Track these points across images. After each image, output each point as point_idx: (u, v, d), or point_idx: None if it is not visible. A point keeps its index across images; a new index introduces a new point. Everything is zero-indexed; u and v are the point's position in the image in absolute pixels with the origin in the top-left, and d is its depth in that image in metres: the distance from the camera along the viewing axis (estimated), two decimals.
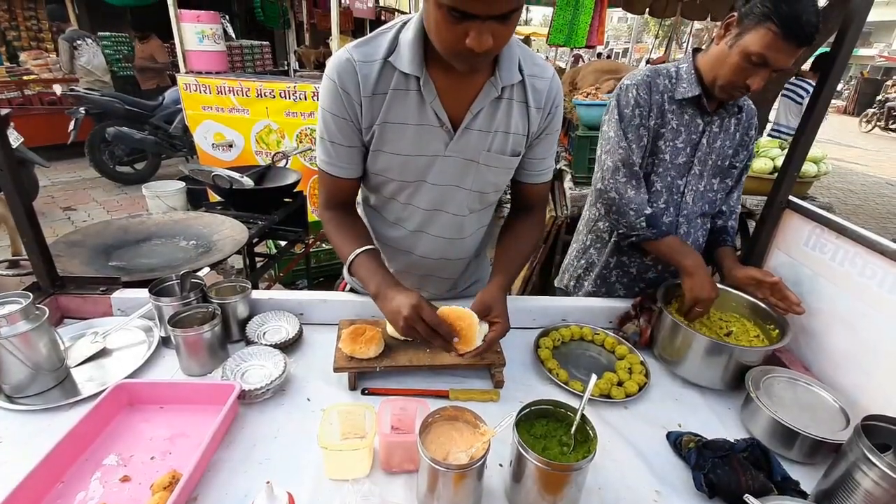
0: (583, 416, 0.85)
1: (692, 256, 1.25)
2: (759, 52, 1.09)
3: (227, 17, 9.97)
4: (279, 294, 1.33)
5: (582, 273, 1.58)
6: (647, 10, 7.80)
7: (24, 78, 6.37)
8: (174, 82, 6.14)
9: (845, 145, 12.00)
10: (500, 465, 0.91)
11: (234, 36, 9.68)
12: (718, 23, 1.21)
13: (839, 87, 25.94)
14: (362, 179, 1.13)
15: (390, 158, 1.03)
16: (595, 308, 1.38)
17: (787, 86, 5.21)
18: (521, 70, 0.99)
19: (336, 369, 1.06)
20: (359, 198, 1.22)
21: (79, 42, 5.97)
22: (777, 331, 1.18)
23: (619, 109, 1.30)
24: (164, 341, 1.19)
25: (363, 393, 1.08)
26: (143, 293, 1.19)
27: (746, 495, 0.80)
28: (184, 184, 4.16)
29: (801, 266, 1.23)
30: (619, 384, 1.13)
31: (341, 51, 0.97)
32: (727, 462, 0.88)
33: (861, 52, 27.11)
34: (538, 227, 1.24)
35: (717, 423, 1.07)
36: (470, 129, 1.00)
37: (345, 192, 1.11)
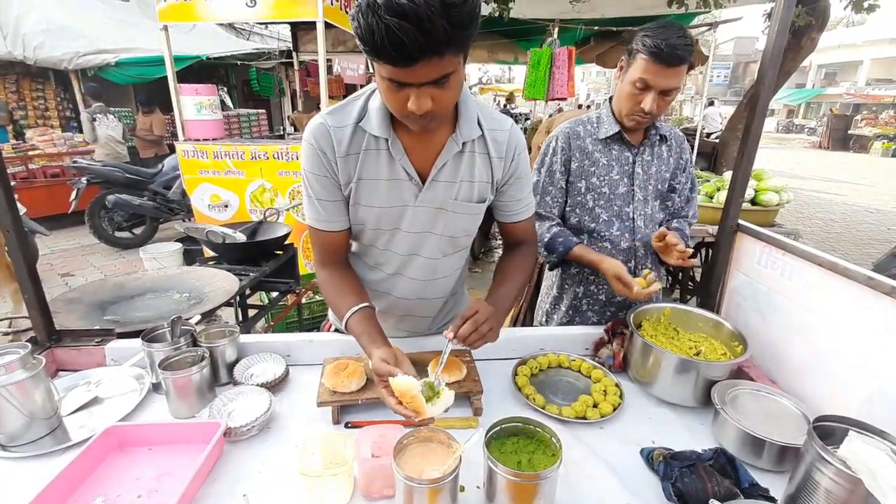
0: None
1: (591, 256, 1.45)
2: (639, 78, 1.32)
3: (226, 88, 10.61)
4: (266, 337, 1.39)
5: (550, 308, 1.67)
6: (619, 64, 8.37)
7: (30, 153, 6.66)
8: (173, 151, 6.45)
9: (824, 179, 12.40)
10: (478, 487, 0.94)
11: (231, 106, 10.24)
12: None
13: (812, 124, 27.04)
14: None
15: (367, 211, 1.13)
16: (570, 336, 1.44)
17: None
18: (480, 125, 1.10)
19: (319, 403, 1.11)
20: None
21: (98, 116, 6.42)
22: (741, 347, 1.23)
23: (542, 157, 1.53)
24: (155, 387, 1.23)
25: (346, 426, 1.12)
26: (136, 343, 1.24)
27: (712, 500, 0.84)
28: (180, 245, 4.28)
29: (757, 283, 1.31)
30: (595, 406, 1.17)
31: (317, 116, 1.09)
32: (693, 471, 0.91)
33: (829, 90, 28.66)
34: (528, 256, 1.29)
35: (690, 437, 1.10)
36: (437, 181, 1.11)
37: (337, 245, 1.19)
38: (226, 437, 1.04)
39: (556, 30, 4.47)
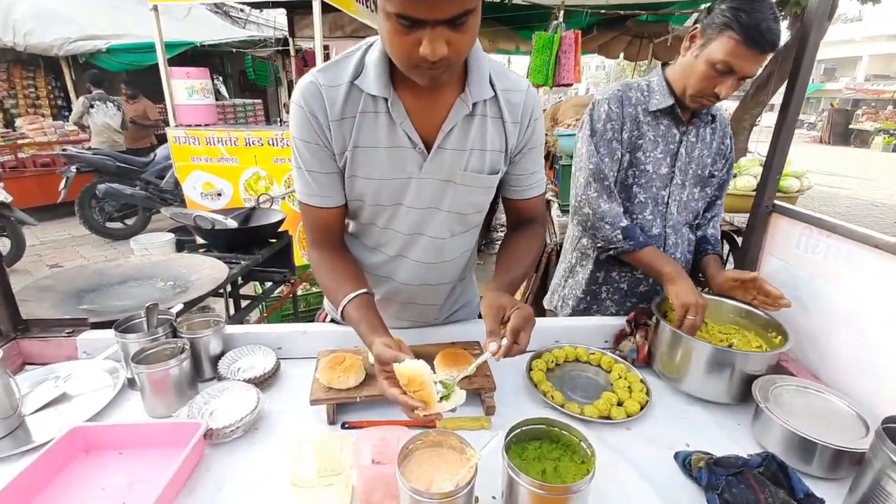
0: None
1: (672, 263, 1.23)
2: (723, 60, 1.12)
3: (221, 78, 10.41)
4: (255, 328, 1.27)
5: (568, 292, 1.54)
6: (622, 54, 8.23)
7: (20, 142, 6.49)
8: (160, 141, 6.26)
9: (827, 173, 12.30)
10: (494, 498, 0.82)
11: (227, 96, 10.04)
12: None
13: (812, 119, 26.93)
14: None
15: (365, 183, 1.00)
16: (588, 327, 1.32)
17: None
18: (493, 85, 0.97)
19: (313, 401, 0.99)
20: None
21: (97, 103, 6.19)
22: (780, 338, 1.12)
23: (592, 124, 1.33)
24: (131, 383, 1.11)
25: (343, 427, 1.00)
26: (111, 334, 1.12)
27: None
28: (172, 235, 4.12)
29: (797, 269, 1.19)
30: (619, 404, 1.06)
31: (307, 75, 0.95)
32: (742, 480, 0.80)
33: (828, 86, 28.53)
34: (538, 238, 1.14)
35: (728, 439, 0.99)
36: (443, 149, 0.97)
37: (330, 224, 1.06)
38: (207, 439, 0.92)
39: (562, 13, 4.33)
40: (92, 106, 6.15)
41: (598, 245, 1.37)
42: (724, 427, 1.02)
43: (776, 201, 1.23)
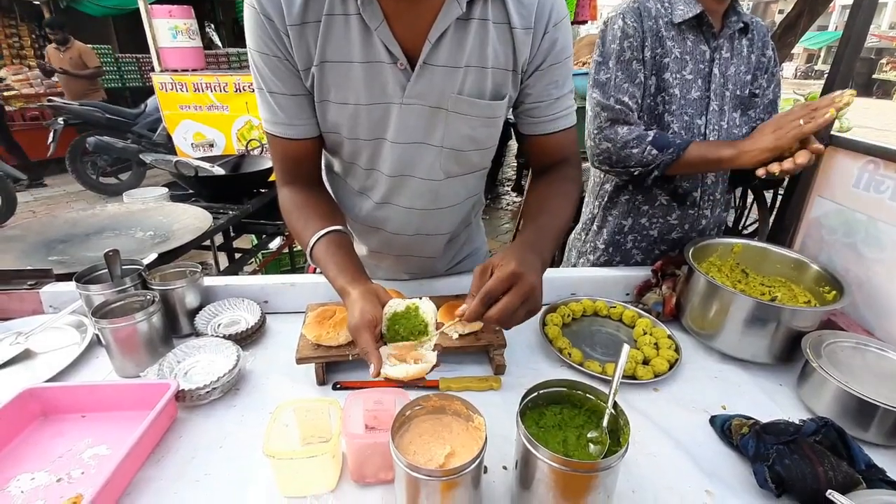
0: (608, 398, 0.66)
1: (723, 146, 1.06)
2: None
3: (213, 26, 9.86)
4: (238, 279, 1.14)
5: (591, 246, 1.38)
6: None
7: (6, 94, 6.23)
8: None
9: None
10: (505, 468, 0.72)
11: (220, 44, 9.55)
12: None
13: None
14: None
15: (339, 110, 0.82)
16: (609, 278, 1.18)
17: None
18: None
19: (299, 360, 0.87)
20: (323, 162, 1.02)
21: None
22: (833, 293, 0.97)
23: (604, 47, 1.14)
24: (100, 339, 1.00)
25: (335, 388, 0.89)
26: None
27: (830, 491, 0.61)
28: (167, 189, 3.97)
29: (853, 212, 1.04)
30: (645, 362, 0.94)
31: None
32: (795, 449, 0.68)
33: None
34: (572, 182, 0.92)
35: (770, 402, 0.87)
36: (431, 65, 0.78)
37: (301, 158, 0.89)
38: (179, 401, 0.81)
39: None
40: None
41: (635, 174, 1.17)
42: (764, 389, 0.90)
43: (835, 132, 1.05)
